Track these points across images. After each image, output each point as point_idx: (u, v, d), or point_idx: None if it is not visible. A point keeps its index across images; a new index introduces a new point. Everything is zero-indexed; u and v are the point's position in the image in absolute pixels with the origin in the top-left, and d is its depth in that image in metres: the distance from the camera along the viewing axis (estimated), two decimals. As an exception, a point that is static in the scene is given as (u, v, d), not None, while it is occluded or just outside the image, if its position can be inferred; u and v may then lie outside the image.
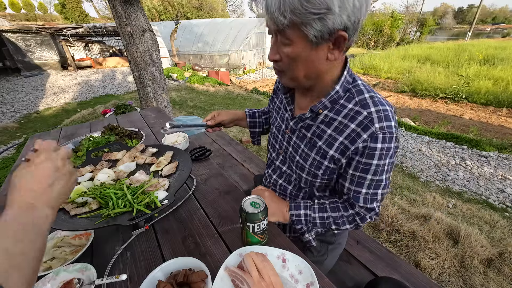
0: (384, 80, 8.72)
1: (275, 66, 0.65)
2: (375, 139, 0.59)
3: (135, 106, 4.28)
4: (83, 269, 0.62)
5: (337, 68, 0.64)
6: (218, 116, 0.98)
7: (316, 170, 0.71)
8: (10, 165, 3.06)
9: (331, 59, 0.58)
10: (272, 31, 0.59)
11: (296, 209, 0.77)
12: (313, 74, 0.62)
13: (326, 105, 0.66)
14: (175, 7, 23.81)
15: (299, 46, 0.56)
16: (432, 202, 2.38)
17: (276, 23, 0.53)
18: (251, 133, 1.11)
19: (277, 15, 0.52)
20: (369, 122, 0.60)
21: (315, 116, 0.69)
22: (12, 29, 8.37)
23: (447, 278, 1.51)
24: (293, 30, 0.54)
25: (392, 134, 0.60)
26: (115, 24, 2.75)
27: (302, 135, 0.74)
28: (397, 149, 0.64)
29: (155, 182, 0.82)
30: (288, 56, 0.59)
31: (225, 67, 10.05)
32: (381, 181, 0.65)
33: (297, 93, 0.77)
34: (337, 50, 0.57)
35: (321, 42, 0.54)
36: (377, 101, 0.62)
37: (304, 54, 0.57)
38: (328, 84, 0.65)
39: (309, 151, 0.72)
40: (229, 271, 0.58)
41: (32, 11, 33.24)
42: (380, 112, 0.60)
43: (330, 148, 0.66)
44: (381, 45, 20.12)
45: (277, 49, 0.61)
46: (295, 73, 0.62)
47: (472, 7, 62.76)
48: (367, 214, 0.70)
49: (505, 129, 4.66)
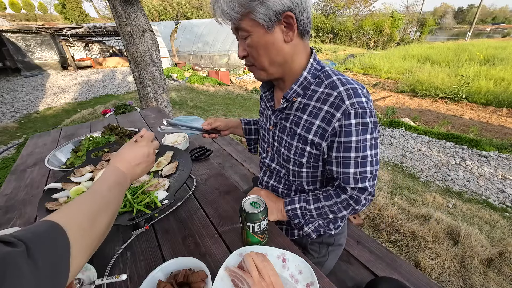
0: (384, 80, 8.71)
1: (246, 62, 0.71)
2: (348, 116, 0.62)
3: (135, 106, 4.28)
4: (83, 269, 0.62)
5: (301, 56, 0.69)
6: (215, 122, 1.00)
7: (300, 158, 0.73)
8: (10, 165, 3.06)
9: (287, 41, 0.63)
10: (234, 31, 0.66)
11: (291, 204, 0.78)
12: (277, 58, 0.66)
13: (298, 92, 0.71)
14: (175, 7, 23.80)
15: (256, 34, 0.62)
16: (432, 202, 2.38)
17: (232, 20, 0.62)
18: (247, 140, 1.12)
19: (230, 12, 0.60)
20: (340, 100, 0.63)
21: (291, 105, 0.73)
22: (12, 29, 8.37)
23: (447, 278, 1.51)
24: (246, 21, 0.61)
25: (364, 109, 0.62)
26: (115, 24, 2.75)
27: (283, 127, 0.77)
28: (375, 124, 0.65)
29: (155, 182, 0.82)
30: (250, 47, 0.65)
31: (225, 67, 10.05)
32: (366, 158, 0.65)
33: (276, 90, 0.82)
34: (291, 31, 0.62)
35: (273, 25, 0.60)
36: (345, 82, 0.66)
37: (262, 40, 0.63)
38: (297, 72, 0.70)
39: (291, 140, 0.74)
40: (229, 271, 0.58)
41: (32, 11, 33.23)
42: (349, 90, 0.63)
43: (309, 133, 0.69)
44: (381, 45, 20.11)
45: (242, 46, 0.67)
46: (260, 61, 0.67)
47: (472, 7, 62.77)
48: (361, 195, 0.69)
49: (505, 129, 4.65)
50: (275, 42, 0.63)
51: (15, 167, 1.21)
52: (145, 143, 0.65)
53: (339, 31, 22.45)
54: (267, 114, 0.85)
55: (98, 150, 1.03)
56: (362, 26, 21.14)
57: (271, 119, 0.81)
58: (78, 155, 1.12)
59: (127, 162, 0.59)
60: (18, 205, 0.93)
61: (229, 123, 1.03)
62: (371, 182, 0.68)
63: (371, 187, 0.69)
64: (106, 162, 0.97)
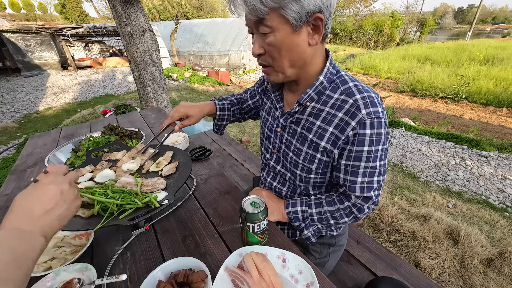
0: (384, 80, 8.71)
1: (261, 61, 0.66)
2: (363, 126, 0.60)
3: (135, 106, 4.28)
4: (83, 269, 0.62)
5: (319, 59, 0.66)
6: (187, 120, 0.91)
7: (310, 165, 0.71)
8: (10, 165, 3.06)
9: (312, 44, 0.60)
10: (252, 25, 0.60)
11: (292, 206, 0.78)
12: (298, 61, 0.63)
13: (312, 97, 0.68)
14: (175, 7, 23.80)
15: (281, 32, 0.57)
16: (432, 202, 2.38)
17: (256, 13, 0.56)
18: (217, 125, 1.05)
19: (256, 3, 0.54)
20: (356, 109, 0.61)
21: (303, 110, 0.71)
22: (12, 29, 8.37)
23: (447, 278, 1.51)
24: (274, 17, 0.56)
25: (380, 119, 0.61)
26: (115, 24, 2.75)
27: (292, 131, 0.74)
28: (388, 135, 0.64)
29: (139, 184, 0.81)
30: (271, 45, 0.60)
31: (225, 67, 10.04)
32: (375, 168, 0.64)
33: (286, 91, 0.79)
34: (317, 34, 0.60)
35: (301, 25, 0.57)
36: (361, 89, 0.63)
37: (287, 40, 0.58)
38: (312, 76, 0.68)
39: (301, 146, 0.72)
40: (229, 271, 0.58)
41: (32, 11, 33.21)
42: (366, 98, 0.61)
43: (321, 140, 0.67)
44: (381, 45, 20.11)
45: (260, 43, 0.62)
46: (280, 63, 0.63)
47: (472, 7, 62.76)
48: (364, 204, 0.69)
49: (505, 129, 4.65)
50: (300, 44, 0.59)
51: (15, 167, 1.21)
52: (51, 178, 0.48)
53: (339, 31, 22.44)
54: (274, 115, 0.82)
55: (98, 150, 1.03)
56: (362, 26, 21.14)
57: (279, 121, 0.78)
58: (78, 155, 1.12)
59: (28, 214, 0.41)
60: (18, 205, 0.93)
61: (201, 115, 0.94)
62: (376, 192, 0.68)
63: (376, 196, 0.68)
64: (106, 162, 0.97)
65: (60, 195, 0.46)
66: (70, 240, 0.73)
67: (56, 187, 0.46)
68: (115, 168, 0.90)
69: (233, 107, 1.04)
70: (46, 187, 0.46)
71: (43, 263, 0.66)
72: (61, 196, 0.46)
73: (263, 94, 0.94)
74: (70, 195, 0.48)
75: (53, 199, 0.45)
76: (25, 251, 0.38)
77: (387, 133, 0.63)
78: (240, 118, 1.09)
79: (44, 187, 0.46)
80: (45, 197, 0.44)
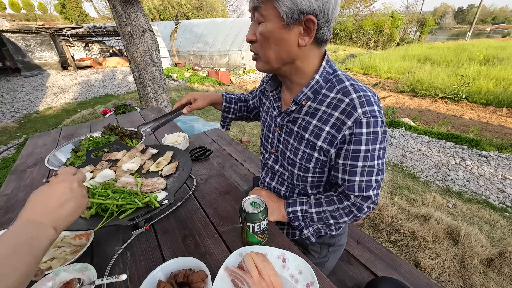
0: (384, 80, 8.71)
1: (251, 49, 0.68)
2: (359, 125, 0.60)
3: (135, 106, 4.28)
4: (83, 269, 0.62)
5: (315, 60, 0.67)
6: (195, 103, 0.98)
7: (307, 164, 0.72)
8: (10, 165, 3.06)
9: (301, 45, 0.61)
10: (251, 9, 0.62)
11: (292, 206, 0.78)
12: (285, 57, 0.63)
13: (308, 96, 0.68)
14: (175, 7, 23.80)
15: (272, 24, 0.59)
16: (432, 202, 2.38)
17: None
18: (223, 117, 1.10)
19: None
20: (352, 108, 0.61)
21: (300, 109, 0.71)
22: (12, 29, 8.37)
23: (447, 278, 1.51)
24: (267, 6, 0.57)
25: (376, 118, 0.61)
26: (115, 24, 2.75)
27: (289, 130, 0.75)
28: (385, 134, 0.64)
29: (140, 183, 0.81)
30: (262, 35, 0.61)
31: (225, 67, 10.04)
32: (373, 167, 0.64)
33: (283, 90, 0.80)
34: (308, 37, 0.60)
35: (292, 23, 0.57)
36: (357, 88, 0.63)
37: (277, 33, 0.59)
38: (309, 75, 0.68)
39: (298, 145, 0.72)
40: (229, 271, 0.58)
41: (32, 11, 33.21)
42: (362, 97, 0.62)
43: (318, 139, 0.67)
44: (381, 45, 20.11)
45: (253, 30, 0.64)
46: (267, 53, 0.64)
47: (472, 7, 62.74)
48: (364, 203, 0.69)
49: (505, 129, 4.65)
50: (289, 41, 0.60)
51: (15, 167, 1.21)
52: (62, 178, 0.53)
53: (339, 31, 22.44)
54: (272, 114, 0.82)
55: (98, 150, 1.03)
56: (362, 26, 21.14)
57: (276, 120, 0.79)
58: (78, 155, 1.12)
59: (41, 207, 0.46)
60: (18, 205, 0.93)
61: (209, 102, 1.02)
62: (375, 191, 0.68)
63: (375, 196, 0.68)
64: (106, 162, 0.97)
65: (70, 192, 0.51)
66: (70, 240, 0.73)
67: (66, 185, 0.51)
68: (115, 168, 0.90)
69: (240, 103, 1.08)
70: (58, 185, 0.51)
71: (43, 263, 0.66)
72: (71, 193, 0.51)
73: (262, 94, 0.94)
74: (79, 193, 0.52)
75: (64, 195, 0.49)
76: (37, 237, 0.42)
77: (384, 132, 0.63)
78: (247, 117, 1.13)
79: (56, 185, 0.51)
80: (57, 193, 0.49)
